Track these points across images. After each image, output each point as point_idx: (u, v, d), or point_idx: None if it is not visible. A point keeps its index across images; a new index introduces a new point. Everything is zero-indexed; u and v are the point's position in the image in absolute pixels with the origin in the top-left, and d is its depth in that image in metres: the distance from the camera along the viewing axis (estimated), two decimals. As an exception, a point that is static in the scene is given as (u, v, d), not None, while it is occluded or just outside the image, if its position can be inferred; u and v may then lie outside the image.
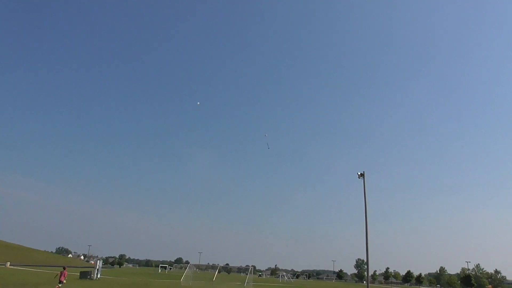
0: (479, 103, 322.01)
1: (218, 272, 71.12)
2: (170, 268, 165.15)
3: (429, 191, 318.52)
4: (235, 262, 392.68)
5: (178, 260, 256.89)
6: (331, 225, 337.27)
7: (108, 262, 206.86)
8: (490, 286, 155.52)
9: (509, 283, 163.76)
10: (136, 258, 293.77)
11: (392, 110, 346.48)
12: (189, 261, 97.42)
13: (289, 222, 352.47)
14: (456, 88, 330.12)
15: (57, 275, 27.40)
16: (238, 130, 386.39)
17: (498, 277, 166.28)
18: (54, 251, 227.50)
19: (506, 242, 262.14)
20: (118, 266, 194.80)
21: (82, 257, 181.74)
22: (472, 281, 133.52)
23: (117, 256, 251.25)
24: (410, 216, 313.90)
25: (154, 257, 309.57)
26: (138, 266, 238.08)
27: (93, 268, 51.19)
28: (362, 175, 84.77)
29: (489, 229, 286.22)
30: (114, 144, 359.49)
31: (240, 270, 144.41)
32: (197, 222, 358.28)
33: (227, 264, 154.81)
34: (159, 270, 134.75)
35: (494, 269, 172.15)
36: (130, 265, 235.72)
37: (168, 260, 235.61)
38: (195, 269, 73.89)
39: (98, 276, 48.18)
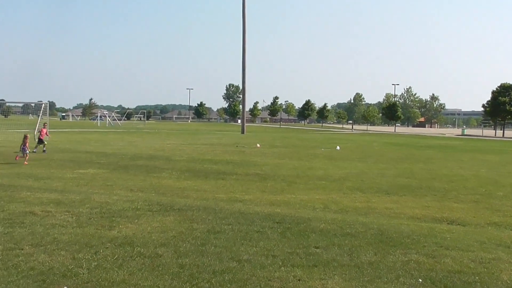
0: None
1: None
2: None
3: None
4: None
5: None
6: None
7: None
8: (422, 118, 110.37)
9: (448, 114, 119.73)
10: None
11: None
12: None
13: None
14: None
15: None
16: None
17: (435, 105, 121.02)
18: None
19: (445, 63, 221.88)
20: None
21: None
22: (398, 113, 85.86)
23: None
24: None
25: None
26: None
27: None
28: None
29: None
30: None
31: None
32: None
33: (3, 100, 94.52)
34: None
35: (431, 94, 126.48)
36: None
37: None
38: None
39: None
